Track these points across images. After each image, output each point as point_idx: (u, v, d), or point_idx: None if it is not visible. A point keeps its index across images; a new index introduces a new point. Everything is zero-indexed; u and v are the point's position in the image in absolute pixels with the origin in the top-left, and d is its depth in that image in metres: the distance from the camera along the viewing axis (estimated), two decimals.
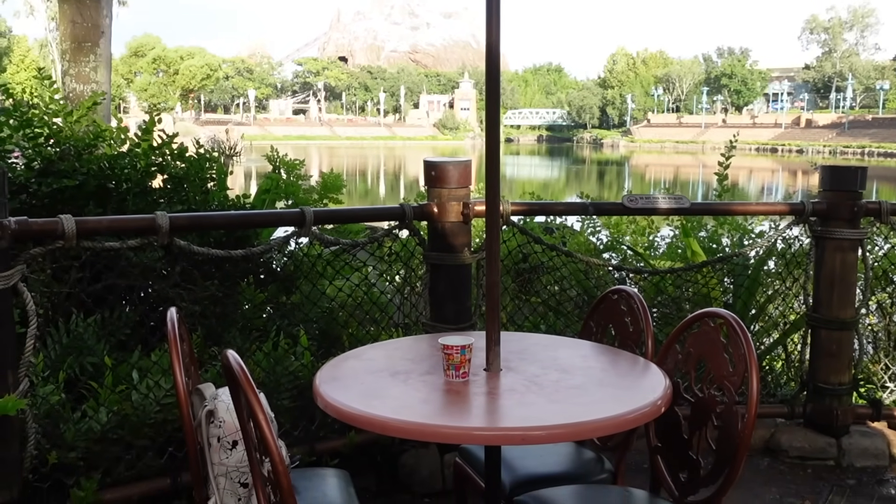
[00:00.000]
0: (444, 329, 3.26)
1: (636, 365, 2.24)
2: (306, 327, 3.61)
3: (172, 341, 2.03)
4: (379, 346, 2.44)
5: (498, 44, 2.04)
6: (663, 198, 3.43)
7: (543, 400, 1.93)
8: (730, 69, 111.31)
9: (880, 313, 4.37)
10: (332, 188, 4.15)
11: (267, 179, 4.07)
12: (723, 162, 4.69)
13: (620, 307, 2.56)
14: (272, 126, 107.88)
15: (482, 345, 2.13)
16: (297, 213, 2.98)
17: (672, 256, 4.62)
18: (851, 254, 3.60)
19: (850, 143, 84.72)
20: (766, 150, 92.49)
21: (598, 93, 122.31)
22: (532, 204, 3.65)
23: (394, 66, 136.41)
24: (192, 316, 3.39)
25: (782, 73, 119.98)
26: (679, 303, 4.22)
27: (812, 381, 3.73)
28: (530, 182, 52.48)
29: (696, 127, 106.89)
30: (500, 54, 2.04)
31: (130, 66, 76.92)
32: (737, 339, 2.05)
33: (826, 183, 3.60)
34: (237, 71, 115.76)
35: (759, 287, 4.27)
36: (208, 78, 78.97)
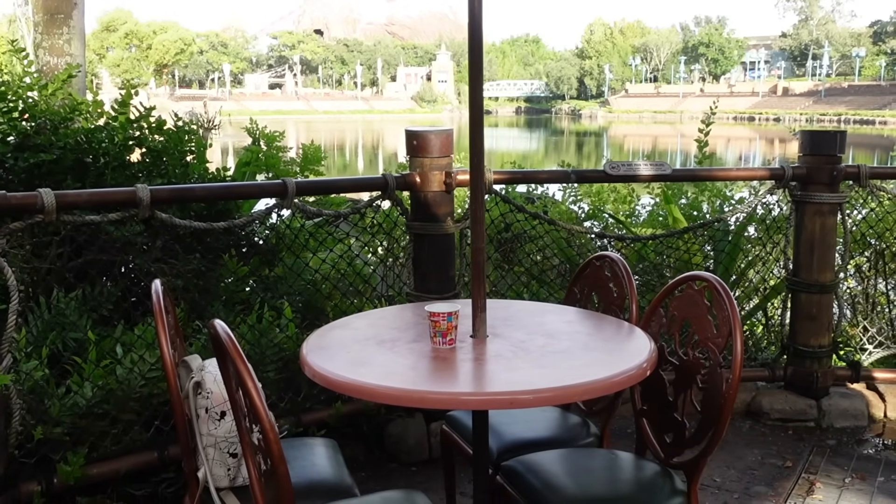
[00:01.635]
0: (428, 299, 3.27)
1: (621, 329, 2.25)
2: (290, 300, 3.61)
3: (158, 313, 2.02)
4: (364, 316, 2.44)
5: (480, 13, 2.02)
6: (645, 164, 3.44)
7: (530, 365, 1.94)
8: (707, 38, 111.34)
9: (859, 277, 4.43)
10: (313, 160, 4.12)
11: (247, 152, 4.04)
12: (703, 129, 4.70)
13: (604, 273, 2.57)
14: (248, 101, 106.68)
15: (468, 312, 2.14)
16: (279, 184, 2.96)
17: (653, 224, 4.65)
18: (831, 218, 3.63)
19: (826, 110, 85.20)
20: (743, 118, 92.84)
21: (575, 63, 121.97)
22: (514, 172, 3.64)
23: (370, 38, 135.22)
24: (174, 290, 3.37)
25: (759, 41, 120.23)
26: (661, 269, 4.24)
27: (792, 345, 3.78)
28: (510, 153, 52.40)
29: (674, 97, 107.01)
30: (482, 24, 2.02)
31: (102, 41, 75.61)
32: (721, 302, 2.07)
33: (806, 147, 3.62)
34: (211, 45, 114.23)
35: (740, 253, 4.31)
36: (182, 52, 77.80)
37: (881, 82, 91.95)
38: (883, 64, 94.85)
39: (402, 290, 3.52)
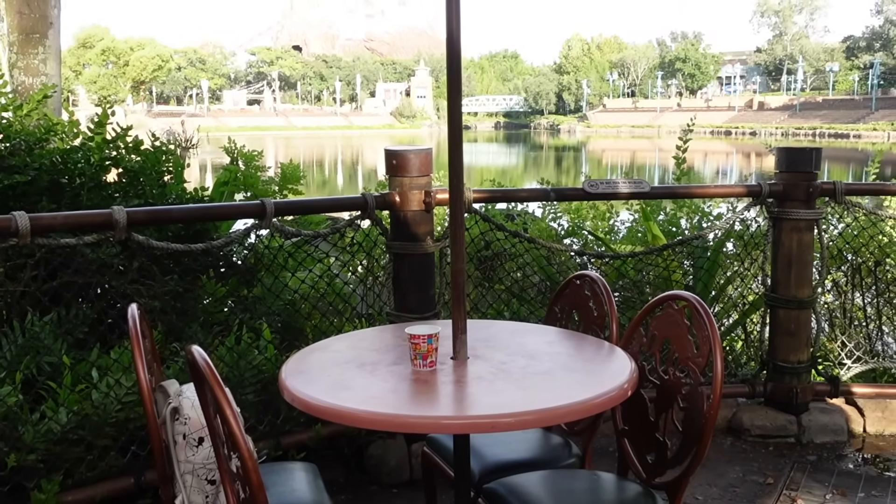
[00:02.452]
0: (409, 319, 3.25)
1: (601, 349, 2.25)
2: (269, 320, 3.58)
3: (134, 338, 1.99)
4: (344, 338, 2.42)
5: (459, 32, 2.03)
6: (624, 182, 3.45)
7: (512, 387, 1.93)
8: (683, 53, 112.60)
9: (836, 292, 4.46)
10: (292, 179, 4.10)
11: (225, 171, 4.01)
12: (680, 146, 4.73)
13: (584, 292, 2.57)
14: (226, 117, 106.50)
15: (449, 333, 2.13)
16: (257, 204, 2.94)
17: (632, 240, 4.66)
18: (808, 234, 3.66)
19: (801, 124, 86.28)
20: (720, 132, 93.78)
21: (554, 79, 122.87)
22: (494, 191, 3.64)
23: (349, 54, 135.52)
24: (151, 312, 3.33)
25: (735, 56, 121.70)
26: (641, 286, 4.25)
27: (771, 360, 3.79)
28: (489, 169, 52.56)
29: (652, 111, 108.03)
30: (461, 43, 2.02)
31: (79, 57, 75.10)
32: (700, 321, 2.07)
33: (782, 164, 3.65)
34: (189, 61, 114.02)
35: (719, 269, 4.33)
36: (160, 69, 77.46)
37: (854, 96, 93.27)
38: (856, 78, 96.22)
39: (383, 309, 3.50)
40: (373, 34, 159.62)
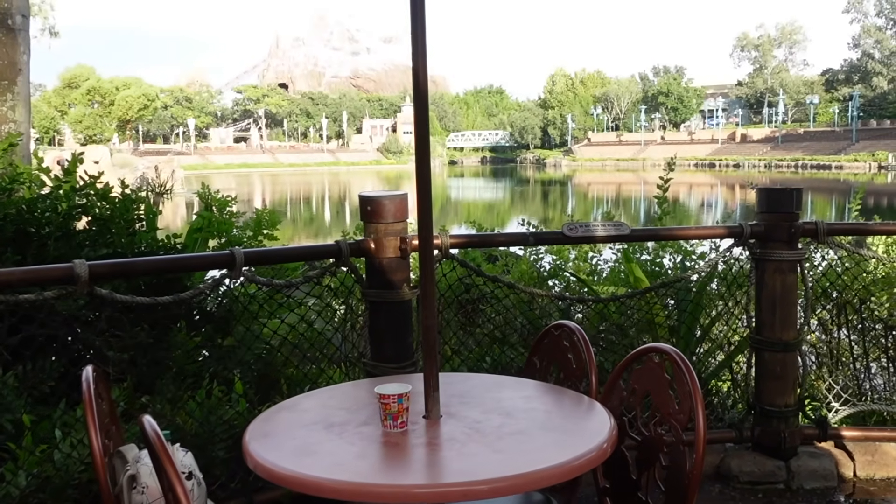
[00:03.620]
0: (386, 369, 3.17)
1: (580, 404, 2.17)
2: (243, 371, 3.48)
3: (88, 402, 1.90)
4: (314, 395, 2.34)
5: (426, 78, 1.97)
6: (603, 226, 3.39)
7: (486, 449, 1.84)
8: (666, 87, 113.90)
9: (822, 330, 4.40)
10: (268, 224, 4.03)
11: (198, 218, 3.93)
12: (661, 185, 4.69)
13: (563, 342, 2.50)
14: (213, 155, 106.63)
15: (422, 389, 2.05)
16: (226, 255, 2.86)
17: (615, 281, 4.60)
18: (791, 275, 3.61)
19: (784, 156, 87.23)
20: (704, 165, 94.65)
21: (539, 113, 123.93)
22: (471, 236, 3.58)
23: (335, 91, 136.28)
24: (120, 364, 3.24)
25: (716, 89, 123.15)
26: (624, 329, 4.18)
27: (758, 404, 3.72)
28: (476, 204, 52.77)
29: (636, 144, 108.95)
30: (427, 89, 1.97)
31: (64, 97, 75.12)
32: (682, 376, 2.00)
33: (763, 205, 3.60)
34: (176, 100, 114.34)
35: (703, 309, 4.27)
36: (146, 108, 77.50)
37: (835, 128, 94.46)
38: (836, 110, 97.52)
39: (360, 358, 3.41)
40: (358, 71, 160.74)
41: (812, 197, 48.93)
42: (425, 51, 1.94)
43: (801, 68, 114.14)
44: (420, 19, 1.92)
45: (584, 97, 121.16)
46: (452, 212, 48.53)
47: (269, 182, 79.36)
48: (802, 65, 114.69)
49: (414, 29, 1.91)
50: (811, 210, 39.45)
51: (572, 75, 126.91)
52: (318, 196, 60.41)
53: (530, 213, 43.61)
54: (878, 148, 79.78)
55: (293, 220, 39.52)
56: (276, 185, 75.23)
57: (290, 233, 33.66)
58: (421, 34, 1.93)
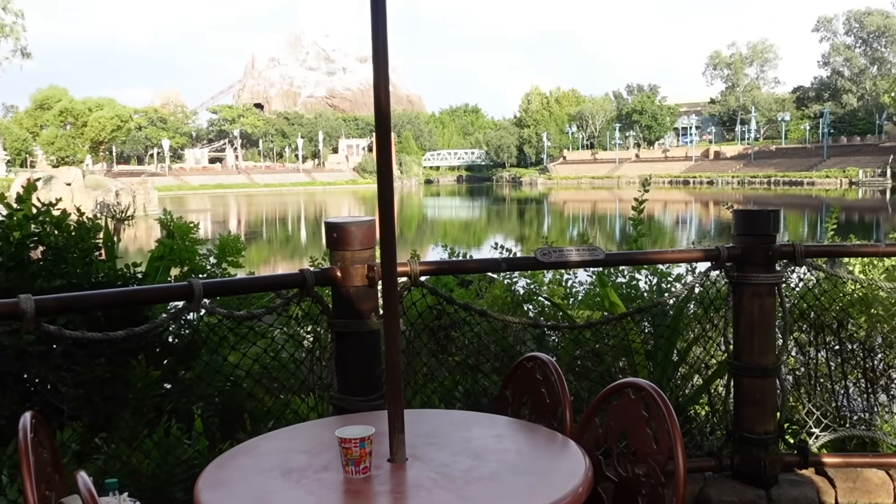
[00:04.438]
0: (353, 402, 3.05)
1: (554, 444, 2.06)
2: (206, 404, 3.35)
3: (24, 453, 1.76)
4: (274, 437, 2.21)
5: (387, 101, 1.87)
6: (577, 250, 3.30)
7: (453, 496, 1.73)
8: (640, 105, 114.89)
9: (800, 353, 4.33)
10: (231, 252, 3.90)
11: (160, 246, 3.80)
12: (636, 206, 4.62)
13: (536, 375, 2.39)
14: (188, 175, 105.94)
15: (387, 428, 1.93)
16: (184, 286, 2.73)
17: (591, 305, 4.50)
18: (769, 298, 3.53)
19: (757, 173, 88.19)
20: (678, 182, 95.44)
21: (514, 132, 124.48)
22: (441, 263, 3.48)
23: (311, 111, 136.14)
24: (76, 400, 3.10)
25: (690, 107, 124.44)
26: (600, 355, 4.09)
27: (738, 431, 3.63)
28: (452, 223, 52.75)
29: (611, 162, 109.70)
30: (389, 114, 1.87)
31: (36, 119, 74.31)
32: (660, 414, 1.90)
33: (739, 227, 3.53)
34: (150, 121, 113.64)
35: (681, 333, 4.18)
36: (119, 129, 76.81)
37: (806, 145, 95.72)
38: (807, 127, 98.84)
39: (327, 390, 3.28)
40: (334, 91, 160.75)
41: (785, 213, 49.43)
42: (387, 74, 1.84)
43: (772, 86, 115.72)
44: (382, 44, 1.82)
45: (560, 115, 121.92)
46: (429, 231, 48.48)
47: (244, 202, 78.96)
48: (774, 82, 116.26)
49: (375, 54, 1.81)
50: (784, 226, 39.84)
51: (547, 94, 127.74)
52: (293, 216, 60.18)
53: (507, 232, 43.64)
54: (849, 164, 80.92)
55: (269, 240, 39.28)
56: (251, 205, 74.87)
57: (266, 253, 33.46)
58: (383, 60, 1.83)
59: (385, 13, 1.79)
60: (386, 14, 1.79)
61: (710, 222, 42.01)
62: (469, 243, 36.33)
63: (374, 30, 1.78)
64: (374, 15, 1.78)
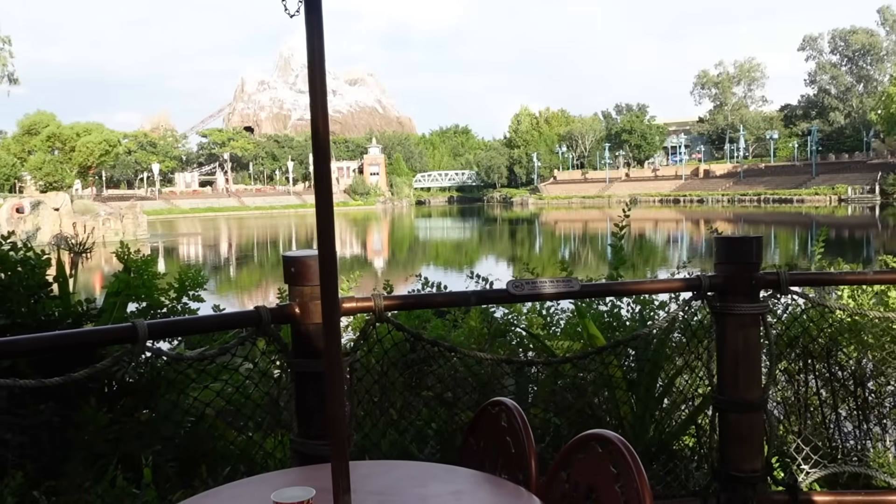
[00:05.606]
0: (314, 446, 2.86)
1: (518, 501, 1.88)
2: (165, 446, 3.16)
3: None
4: (215, 495, 2.03)
5: (326, 129, 1.71)
6: (551, 282, 3.14)
7: None
8: (629, 125, 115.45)
9: (789, 382, 4.17)
10: (192, 285, 3.72)
11: (116, 281, 3.62)
12: (617, 231, 4.47)
13: (501, 422, 2.22)
14: (178, 199, 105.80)
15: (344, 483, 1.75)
16: (126, 328, 2.55)
17: (572, 335, 4.33)
18: (753, 329, 3.37)
19: (746, 191, 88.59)
20: (668, 201, 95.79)
21: (504, 152, 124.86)
22: (408, 297, 3.31)
23: (301, 134, 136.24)
24: (21, 448, 2.91)
25: (679, 126, 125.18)
26: (581, 387, 3.92)
27: (724, 469, 3.45)
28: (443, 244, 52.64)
29: (601, 182, 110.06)
30: (328, 141, 1.71)
31: (24, 144, 74.10)
32: (628, 471, 1.72)
33: (721, 255, 3.38)
34: (140, 145, 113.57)
35: (665, 362, 4.02)
36: (107, 154, 76.57)
37: (795, 162, 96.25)
38: (795, 145, 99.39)
39: (284, 436, 3.10)
40: None
41: (776, 231, 49.57)
42: (325, 102, 1.68)
43: (760, 104, 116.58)
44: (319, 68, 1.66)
45: (549, 136, 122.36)
46: (420, 251, 48.33)
47: (235, 226, 78.79)
48: (761, 101, 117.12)
49: (312, 80, 1.65)
50: (775, 244, 39.86)
51: (537, 114, 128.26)
52: (284, 239, 59.97)
53: (498, 253, 43.53)
54: (838, 181, 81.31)
55: (260, 264, 39.01)
56: (242, 228, 74.69)
57: (258, 276, 33.18)
58: (321, 85, 1.67)
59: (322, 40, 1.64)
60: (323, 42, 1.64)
61: (700, 241, 42.00)
62: (461, 264, 36.20)
63: (310, 60, 1.63)
64: (309, 42, 1.63)
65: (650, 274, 27.59)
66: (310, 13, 1.57)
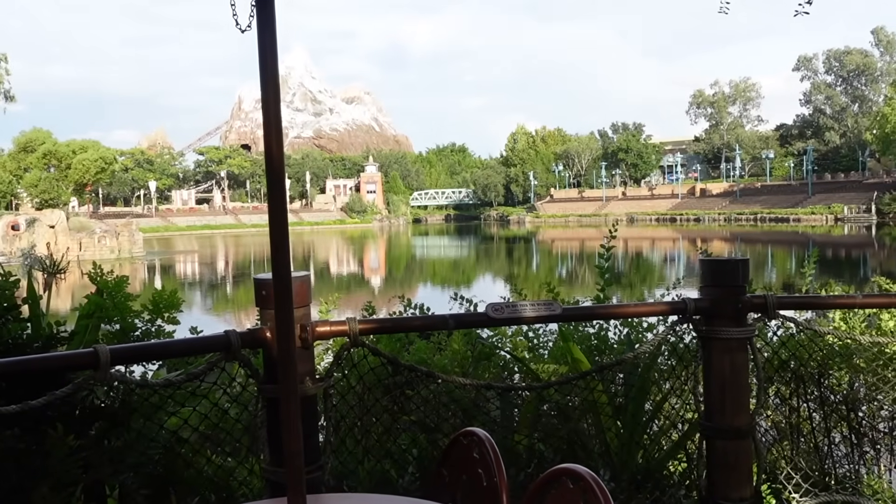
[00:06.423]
0: (286, 475, 2.76)
1: None
2: (136, 473, 3.06)
3: None
4: None
5: (280, 148, 1.63)
6: (532, 305, 3.06)
7: None
8: (625, 144, 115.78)
9: (782, 406, 4.09)
10: (167, 307, 3.63)
11: (88, 303, 3.53)
12: (603, 254, 4.39)
13: (472, 454, 2.13)
14: (175, 216, 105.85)
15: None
16: (88, 353, 2.46)
17: (559, 357, 4.25)
18: (741, 354, 3.28)
19: (743, 209, 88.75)
20: (665, 219, 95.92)
21: (501, 171, 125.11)
22: (384, 321, 3.23)
23: (298, 152, 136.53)
24: None
25: (675, 145, 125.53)
26: (566, 412, 3.83)
27: (712, 498, 3.35)
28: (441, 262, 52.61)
29: (598, 200, 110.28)
30: (282, 160, 1.63)
31: (19, 162, 74.16)
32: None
33: (707, 278, 3.30)
34: (137, 162, 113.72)
35: (653, 385, 3.93)
36: (103, 171, 76.62)
37: (791, 182, 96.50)
38: (791, 164, 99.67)
39: (255, 465, 3.00)
40: (321, 131, 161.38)
41: (773, 250, 49.59)
42: (279, 123, 1.60)
43: (755, 124, 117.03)
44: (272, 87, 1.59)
45: (546, 154, 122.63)
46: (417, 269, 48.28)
47: (231, 243, 78.77)
48: (757, 121, 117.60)
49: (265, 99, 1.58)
50: (772, 263, 39.85)
51: (533, 133, 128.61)
52: None
53: (495, 271, 43.48)
54: (834, 200, 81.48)
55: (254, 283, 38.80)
56: (239, 246, 74.66)
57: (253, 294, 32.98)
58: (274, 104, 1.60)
59: (275, 54, 1.57)
60: (276, 55, 1.57)
61: (696, 259, 41.96)
62: (457, 282, 36.14)
63: (262, 72, 1.56)
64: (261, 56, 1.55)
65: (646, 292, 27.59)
66: (262, 28, 1.50)
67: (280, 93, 1.59)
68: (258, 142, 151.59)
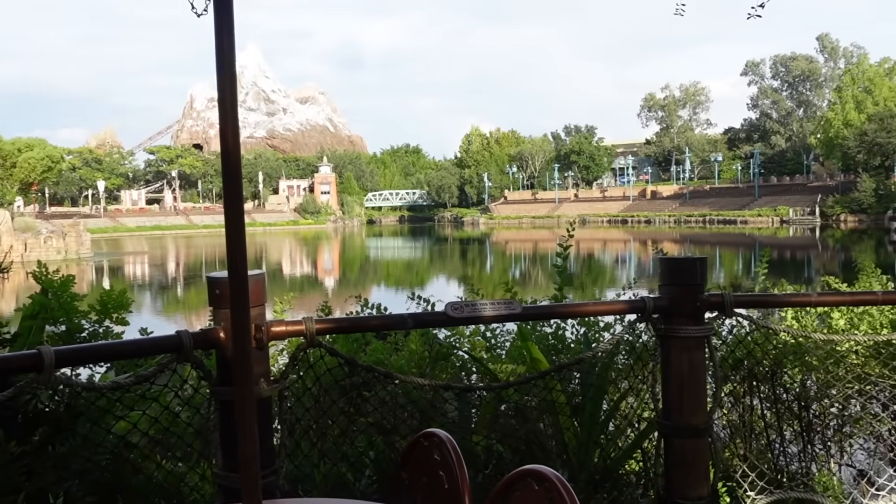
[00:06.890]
0: (238, 481, 2.68)
1: None
2: (80, 480, 2.95)
3: None
4: None
5: (237, 146, 1.57)
6: (492, 304, 3.02)
7: None
8: (578, 146, 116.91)
9: (736, 405, 4.12)
10: (116, 307, 3.52)
11: (32, 303, 3.40)
12: (561, 253, 4.38)
13: (433, 455, 2.08)
14: (125, 217, 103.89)
15: None
16: (31, 355, 2.36)
17: (517, 357, 4.23)
18: (698, 352, 3.29)
19: (692, 212, 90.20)
20: (617, 221, 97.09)
21: (455, 172, 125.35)
22: (341, 321, 3.16)
23: (251, 151, 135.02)
24: None
25: (626, 148, 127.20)
26: (524, 413, 3.80)
27: (669, 497, 3.36)
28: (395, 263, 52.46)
29: (551, 202, 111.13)
30: (239, 160, 1.57)
31: None
32: None
33: (665, 277, 3.30)
34: (84, 162, 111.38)
35: (611, 385, 3.93)
36: (50, 170, 74.94)
37: (739, 184, 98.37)
38: (739, 167, 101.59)
39: (206, 471, 2.92)
40: (275, 131, 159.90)
41: (721, 251, 50.47)
42: (235, 122, 1.54)
43: (705, 127, 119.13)
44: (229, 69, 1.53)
45: (500, 156, 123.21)
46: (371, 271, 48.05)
47: (183, 244, 77.55)
48: (706, 124, 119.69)
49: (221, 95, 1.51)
50: (720, 264, 40.53)
51: (487, 134, 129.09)
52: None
53: (448, 272, 43.49)
54: (780, 203, 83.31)
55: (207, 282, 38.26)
56: (190, 247, 73.55)
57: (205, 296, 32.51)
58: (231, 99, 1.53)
59: (233, 41, 1.50)
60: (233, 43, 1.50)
61: (648, 261, 42.52)
62: (411, 283, 36.05)
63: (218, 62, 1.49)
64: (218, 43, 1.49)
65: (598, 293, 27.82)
66: (219, 12, 1.43)
67: (237, 86, 1.52)
68: (210, 141, 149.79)
